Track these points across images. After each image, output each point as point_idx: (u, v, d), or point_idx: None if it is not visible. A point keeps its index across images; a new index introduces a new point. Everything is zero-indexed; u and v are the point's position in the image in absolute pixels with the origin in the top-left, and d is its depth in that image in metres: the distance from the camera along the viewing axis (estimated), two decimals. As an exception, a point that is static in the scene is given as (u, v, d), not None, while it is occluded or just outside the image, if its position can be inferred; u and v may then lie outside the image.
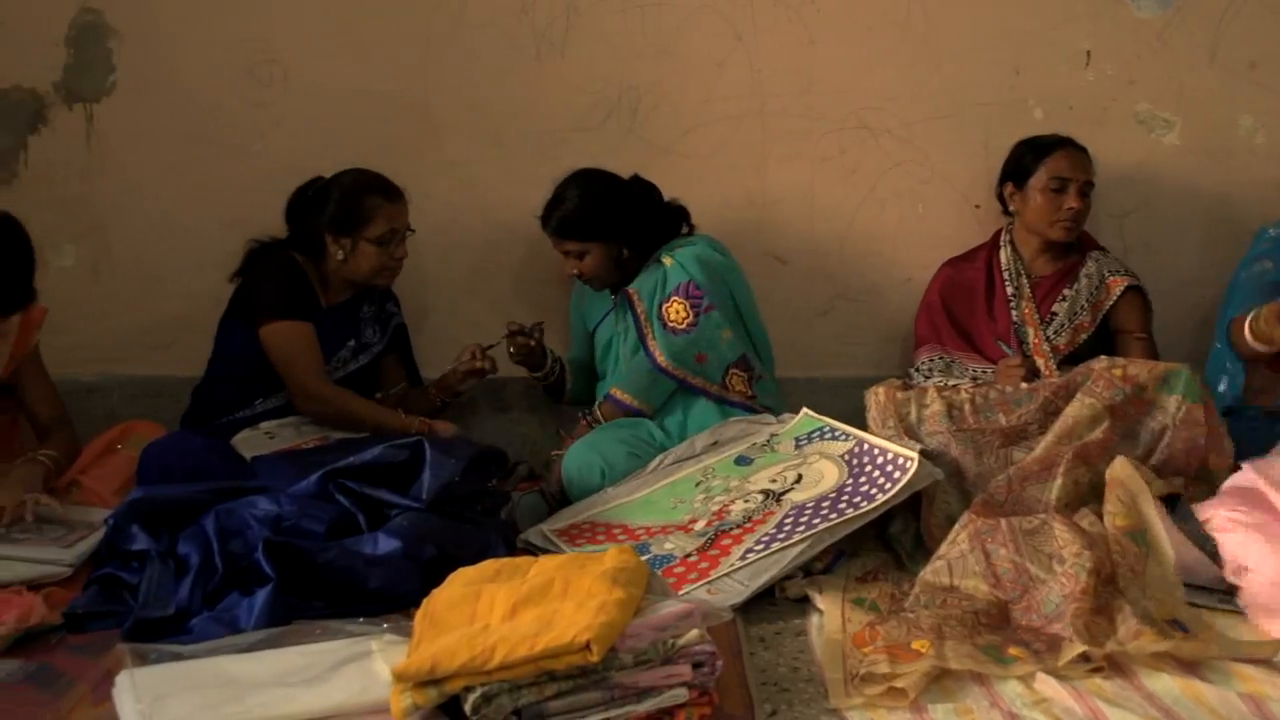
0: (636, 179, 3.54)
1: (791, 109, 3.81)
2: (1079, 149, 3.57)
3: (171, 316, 3.83)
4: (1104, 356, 3.08)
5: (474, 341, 3.59)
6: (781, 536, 2.77)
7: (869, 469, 2.92)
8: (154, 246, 3.84)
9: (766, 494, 2.98)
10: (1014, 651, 2.34)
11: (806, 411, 3.28)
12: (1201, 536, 2.66)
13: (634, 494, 3.16)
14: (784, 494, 2.95)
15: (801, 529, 2.78)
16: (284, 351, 3.35)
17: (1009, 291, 3.60)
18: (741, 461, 3.16)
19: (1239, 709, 2.14)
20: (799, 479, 3.00)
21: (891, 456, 2.90)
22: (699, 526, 2.93)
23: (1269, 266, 3.31)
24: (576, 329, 3.77)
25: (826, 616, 2.59)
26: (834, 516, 2.79)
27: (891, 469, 2.87)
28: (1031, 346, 3.53)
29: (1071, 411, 2.95)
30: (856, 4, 3.77)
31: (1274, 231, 3.40)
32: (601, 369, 3.67)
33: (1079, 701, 2.18)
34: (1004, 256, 3.64)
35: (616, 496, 3.17)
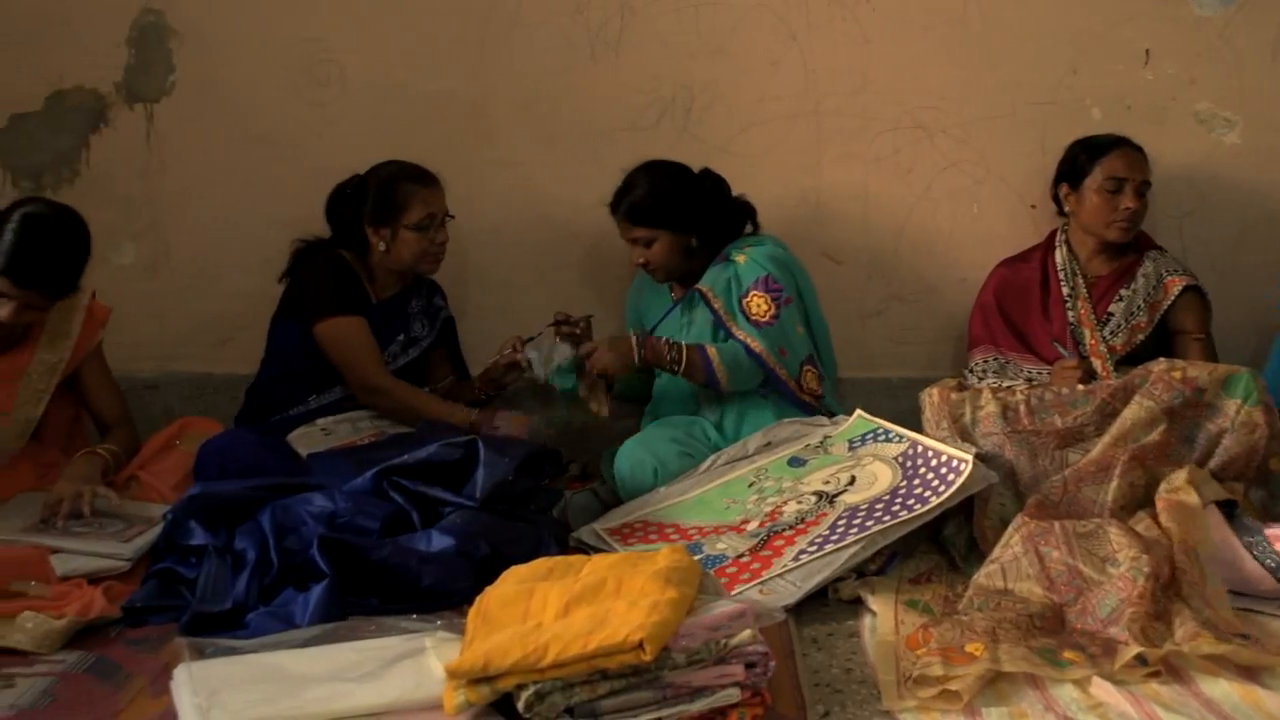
0: (707, 172, 3.53)
1: (846, 108, 3.80)
2: (1135, 149, 3.53)
3: (228, 314, 3.88)
4: (1163, 359, 3.02)
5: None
6: (835, 538, 2.76)
7: (923, 471, 2.90)
8: (211, 245, 3.89)
9: (820, 495, 2.97)
10: (1069, 655, 2.31)
11: (860, 413, 3.26)
12: (1267, 553, 2.62)
13: (687, 494, 3.16)
14: (837, 496, 2.94)
15: (855, 531, 2.77)
16: (341, 347, 3.38)
17: (1065, 292, 3.56)
18: (795, 463, 3.15)
19: (1299, 716, 2.12)
20: (853, 481, 2.98)
21: (946, 459, 2.88)
22: (752, 527, 2.92)
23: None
24: (633, 325, 3.76)
25: (880, 618, 2.59)
26: (887, 519, 2.78)
27: (946, 471, 2.85)
28: (1088, 347, 3.49)
29: (1129, 414, 2.90)
30: (912, 2, 3.75)
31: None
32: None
33: (1135, 706, 2.16)
34: (1059, 257, 3.61)
35: (669, 496, 3.17)
